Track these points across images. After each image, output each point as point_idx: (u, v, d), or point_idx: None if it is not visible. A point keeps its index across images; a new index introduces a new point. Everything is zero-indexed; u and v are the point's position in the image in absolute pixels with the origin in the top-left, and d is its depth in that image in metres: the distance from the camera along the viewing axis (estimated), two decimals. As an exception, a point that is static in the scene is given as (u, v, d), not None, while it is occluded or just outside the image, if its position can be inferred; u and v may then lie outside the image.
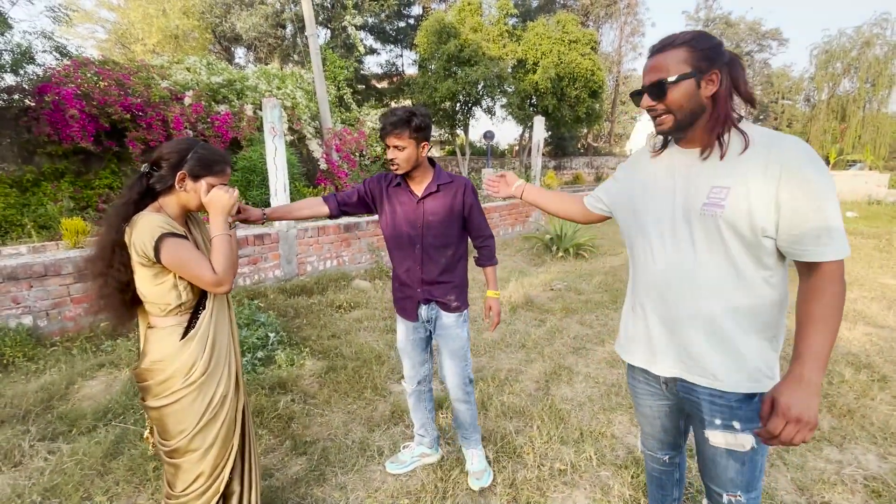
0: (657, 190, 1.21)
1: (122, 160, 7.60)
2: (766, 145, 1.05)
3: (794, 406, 0.96)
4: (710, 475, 1.24)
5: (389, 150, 1.69)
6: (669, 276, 1.17)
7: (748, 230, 1.04)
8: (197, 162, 1.32)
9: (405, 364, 2.02)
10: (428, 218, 1.77)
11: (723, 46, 1.08)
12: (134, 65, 8.03)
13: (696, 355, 1.15)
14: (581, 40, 13.83)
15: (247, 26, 15.04)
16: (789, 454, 2.18)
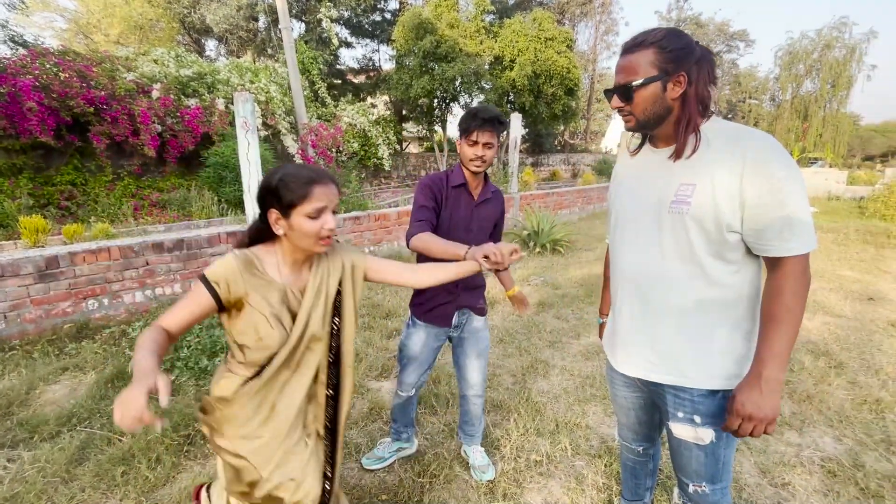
0: (631, 189, 1.24)
1: (85, 155, 7.31)
2: (732, 141, 1.05)
3: (747, 404, 1.01)
4: (677, 465, 1.28)
5: (476, 146, 1.65)
6: (640, 272, 1.19)
7: (713, 226, 1.05)
8: (278, 193, 1.09)
9: (411, 370, 1.94)
10: (480, 223, 1.80)
11: (693, 45, 1.07)
12: (97, 56, 7.71)
13: (664, 351, 1.17)
14: (557, 38, 13.98)
15: (217, 17, 14.60)
16: (752, 438, 2.28)
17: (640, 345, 1.22)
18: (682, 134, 1.09)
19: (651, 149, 1.22)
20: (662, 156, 1.16)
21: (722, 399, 1.14)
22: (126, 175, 7.71)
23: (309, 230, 1.10)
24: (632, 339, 1.24)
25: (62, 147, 6.97)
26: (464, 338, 1.93)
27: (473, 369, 1.96)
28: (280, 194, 1.09)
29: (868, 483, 1.96)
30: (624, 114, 1.15)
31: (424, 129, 16.04)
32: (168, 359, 2.86)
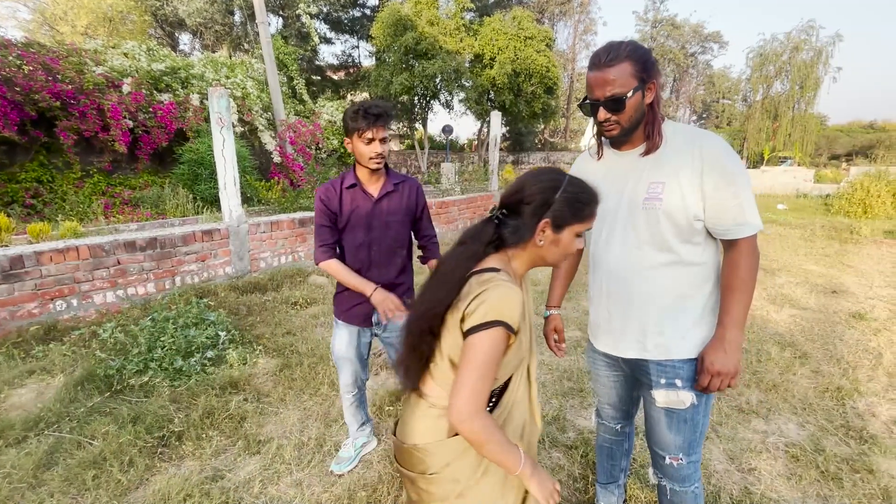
0: (606, 190, 1.30)
1: (52, 151, 7.04)
2: (688, 142, 1.21)
3: (716, 363, 1.21)
4: (655, 439, 1.39)
5: (373, 143, 1.61)
6: (621, 263, 1.31)
7: (683, 217, 1.20)
8: (566, 205, 0.99)
9: (346, 373, 1.93)
10: (385, 219, 1.74)
11: (652, 54, 1.21)
12: (63, 48, 7.42)
13: (650, 333, 1.30)
14: (536, 37, 14.10)
15: (190, 10, 14.24)
16: (722, 427, 2.36)
17: (627, 329, 1.34)
18: (654, 134, 1.23)
19: (615, 152, 1.34)
20: (629, 157, 1.29)
21: (699, 364, 1.29)
22: (96, 172, 7.46)
23: (572, 249, 1.04)
24: (619, 325, 1.35)
25: (27, 143, 6.69)
26: (389, 338, 1.88)
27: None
28: (569, 207, 1.00)
29: (828, 466, 2.06)
30: (609, 124, 1.23)
31: (405, 127, 15.97)
32: (141, 359, 2.80)
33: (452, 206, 7.44)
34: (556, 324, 1.62)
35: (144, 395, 2.60)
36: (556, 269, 1.67)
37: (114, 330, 3.16)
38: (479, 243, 1.00)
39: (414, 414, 1.04)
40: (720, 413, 2.49)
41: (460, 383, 0.91)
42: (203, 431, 2.30)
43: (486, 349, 0.90)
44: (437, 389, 1.02)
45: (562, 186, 0.99)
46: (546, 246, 1.02)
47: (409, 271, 1.88)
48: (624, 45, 1.18)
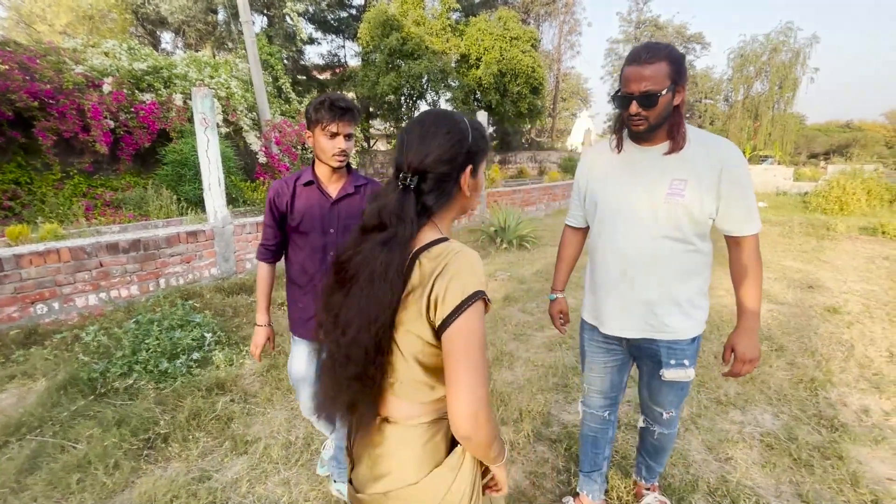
0: (623, 183, 1.43)
1: (29, 152, 6.87)
2: (710, 146, 1.33)
3: (748, 351, 1.40)
4: (654, 400, 1.59)
5: (338, 138, 1.50)
6: (636, 252, 1.40)
7: (699, 213, 1.32)
8: (479, 146, 0.89)
9: (304, 395, 1.75)
10: (343, 222, 1.60)
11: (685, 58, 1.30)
12: (41, 47, 7.25)
13: (662, 316, 1.42)
14: (522, 37, 14.20)
15: (172, 8, 14.02)
16: (701, 419, 2.44)
17: (641, 313, 1.44)
18: (678, 134, 1.32)
19: (636, 147, 1.42)
20: (650, 153, 1.38)
21: (697, 342, 1.49)
22: (76, 173, 7.31)
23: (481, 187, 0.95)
24: (630, 308, 1.45)
25: (4, 144, 6.53)
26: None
27: None
28: (482, 146, 0.89)
29: (800, 454, 2.14)
30: (638, 118, 1.30)
31: (391, 127, 15.95)
32: (126, 362, 2.78)
33: (440, 205, 7.45)
34: (562, 306, 1.78)
35: (129, 397, 2.58)
36: (559, 258, 1.74)
37: (97, 333, 3.13)
38: (408, 219, 0.81)
39: (387, 448, 0.84)
40: (699, 405, 2.56)
41: (460, 384, 0.74)
42: (189, 433, 2.30)
43: (477, 329, 0.76)
44: (407, 406, 0.84)
45: (468, 128, 0.88)
46: (471, 194, 0.92)
47: None
48: (663, 46, 1.26)
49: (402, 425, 0.84)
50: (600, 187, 1.49)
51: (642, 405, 1.67)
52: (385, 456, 0.85)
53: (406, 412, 0.85)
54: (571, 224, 1.73)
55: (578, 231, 1.72)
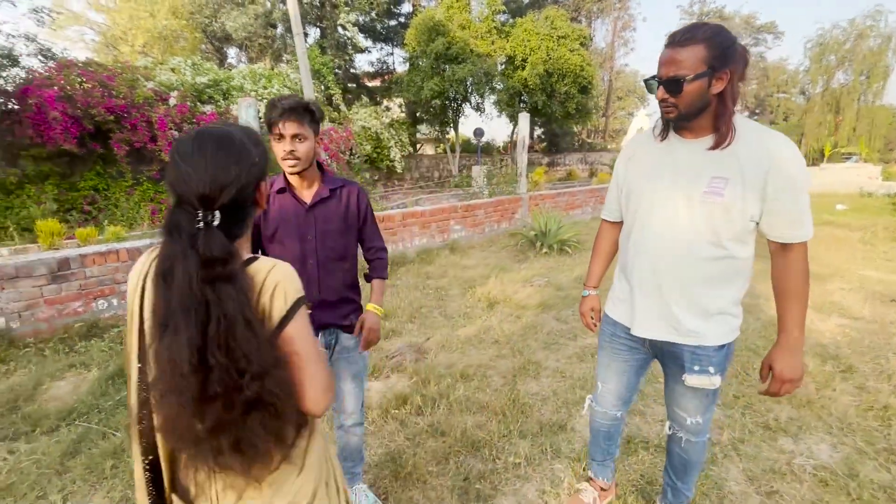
0: (659, 176, 1.33)
1: (107, 162, 7.62)
2: (757, 140, 1.19)
3: (787, 370, 1.26)
4: (678, 404, 1.48)
5: (285, 140, 1.40)
6: (667, 250, 1.31)
7: (739, 215, 1.21)
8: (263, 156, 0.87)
9: None
10: (321, 227, 1.54)
11: (737, 44, 1.15)
12: (118, 66, 8.02)
13: (686, 319, 1.32)
14: (570, 36, 13.82)
15: (236, 26, 15.01)
16: (744, 445, 2.20)
17: (666, 314, 1.35)
18: (724, 127, 1.20)
19: (679, 138, 1.31)
20: (693, 146, 1.27)
21: (727, 350, 1.36)
22: (145, 180, 8.00)
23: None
24: (656, 308, 1.37)
25: (85, 154, 7.27)
26: (335, 359, 1.69)
27: (348, 394, 1.71)
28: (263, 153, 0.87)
29: (862, 493, 1.87)
30: (667, 105, 1.22)
31: (436, 131, 16.09)
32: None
33: (479, 209, 7.40)
34: (594, 303, 1.70)
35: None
36: (594, 253, 1.70)
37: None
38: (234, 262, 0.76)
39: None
40: (743, 429, 2.32)
41: (310, 371, 0.79)
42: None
43: (307, 331, 0.82)
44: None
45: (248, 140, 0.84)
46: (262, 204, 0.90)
47: (355, 284, 1.67)
48: (705, 27, 1.14)
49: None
50: (636, 179, 1.41)
51: (667, 408, 1.57)
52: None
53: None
54: (607, 218, 1.65)
55: (615, 225, 1.63)
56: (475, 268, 5.77)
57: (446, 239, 6.86)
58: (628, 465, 2.07)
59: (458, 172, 15.12)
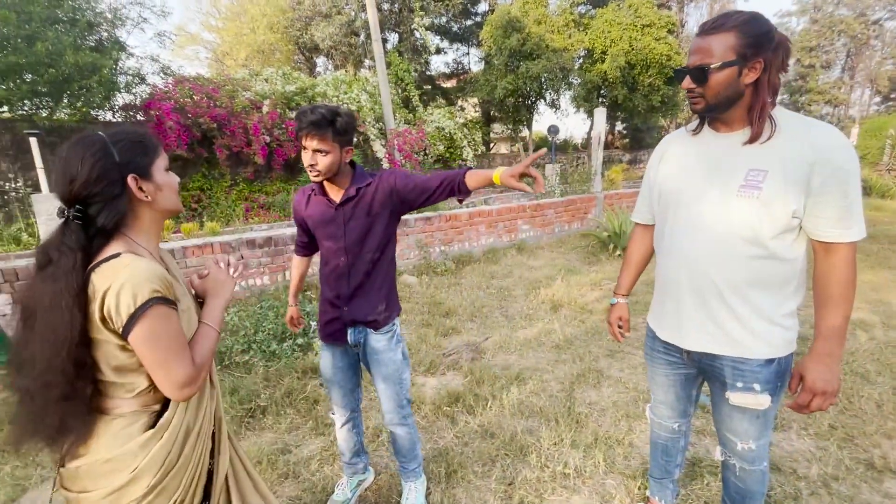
0: (692, 172, 1.27)
1: (210, 165, 8.56)
2: (800, 132, 1.10)
3: (819, 381, 1.14)
4: (727, 427, 1.36)
5: (306, 153, 1.46)
6: (703, 252, 1.23)
7: (781, 211, 1.11)
8: (130, 154, 0.94)
9: (334, 395, 1.83)
10: (349, 225, 1.58)
11: (773, 31, 1.09)
12: (221, 79, 8.97)
13: (725, 327, 1.23)
14: (656, 23, 12.88)
15: (323, 36, 16.05)
16: (837, 483, 1.91)
17: (701, 320, 1.26)
18: (757, 120, 1.13)
19: (712, 132, 1.24)
20: (727, 140, 1.19)
21: (777, 366, 1.22)
22: (241, 181, 8.87)
23: (174, 183, 1.03)
24: (692, 316, 1.28)
25: (194, 158, 8.24)
26: (367, 360, 1.72)
27: (382, 395, 1.73)
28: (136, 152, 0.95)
29: None
30: (694, 95, 1.17)
31: (509, 129, 15.90)
32: (247, 340, 3.27)
33: (549, 208, 7.19)
34: (622, 312, 1.63)
35: (245, 371, 3.03)
36: (626, 258, 1.61)
37: (234, 314, 3.74)
38: (68, 248, 0.86)
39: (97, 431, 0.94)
40: (839, 465, 2.01)
41: (157, 375, 0.89)
42: (283, 409, 2.60)
43: (157, 329, 0.87)
44: (111, 401, 0.94)
45: (110, 145, 0.92)
46: (157, 197, 0.98)
47: (384, 282, 1.68)
48: (739, 15, 1.09)
49: (106, 414, 0.94)
50: (668, 177, 1.33)
51: (717, 431, 1.44)
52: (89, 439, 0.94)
53: (111, 405, 0.94)
54: (638, 220, 1.57)
55: (647, 228, 1.54)
56: (541, 269, 5.63)
57: (514, 239, 6.77)
58: (691, 490, 1.90)
59: (531, 171, 14.81)
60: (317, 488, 2.01)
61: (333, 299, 1.67)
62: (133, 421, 0.94)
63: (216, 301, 1.09)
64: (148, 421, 0.96)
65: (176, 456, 0.98)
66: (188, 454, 1.00)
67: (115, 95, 7.95)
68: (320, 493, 1.99)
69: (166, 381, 0.90)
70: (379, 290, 1.66)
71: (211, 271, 1.13)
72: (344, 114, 1.47)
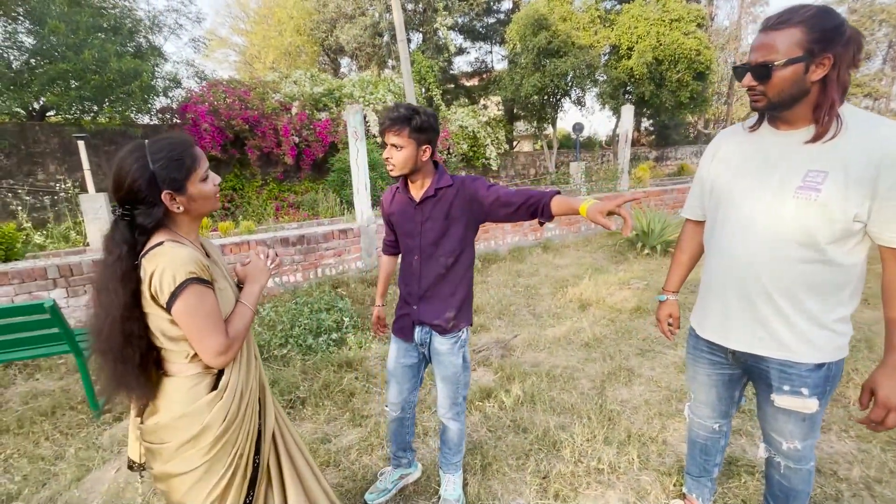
0: (747, 169, 1.25)
1: (242, 165, 8.85)
2: (866, 130, 1.05)
3: (893, 396, 1.09)
4: (771, 426, 1.35)
5: (387, 148, 1.55)
6: (755, 252, 1.20)
7: (841, 214, 1.06)
8: (167, 171, 1.05)
9: (391, 388, 1.87)
10: (426, 224, 1.61)
11: (844, 25, 1.04)
12: (252, 82, 9.25)
13: (773, 330, 1.21)
14: (685, 18, 12.57)
15: (348, 38, 16.30)
16: (882, 486, 1.88)
17: (748, 321, 1.25)
18: (825, 118, 1.08)
19: (771, 129, 1.20)
20: (788, 138, 1.15)
21: (826, 371, 1.20)
22: (271, 181, 9.14)
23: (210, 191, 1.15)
24: (739, 316, 1.26)
25: (227, 159, 8.55)
26: (431, 357, 1.76)
27: (440, 391, 1.79)
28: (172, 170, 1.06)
29: None
30: (755, 93, 1.13)
31: (534, 128, 15.79)
32: (284, 335, 3.40)
33: (575, 207, 7.15)
34: (671, 310, 1.62)
35: (283, 364, 3.16)
36: (675, 255, 1.63)
37: (270, 310, 3.89)
38: (118, 245, 1.03)
39: (163, 393, 1.11)
40: (882, 467, 1.98)
41: (197, 344, 1.04)
42: (321, 400, 2.71)
43: (195, 308, 1.02)
44: (175, 366, 1.11)
45: (149, 160, 1.03)
46: (189, 207, 1.11)
47: (456, 286, 1.67)
48: (805, 9, 1.05)
49: (173, 377, 1.11)
50: (721, 174, 1.31)
51: (761, 428, 1.43)
52: (160, 398, 1.12)
53: (175, 369, 1.11)
54: (689, 216, 1.55)
55: (699, 225, 1.52)
56: (568, 267, 5.62)
57: (539, 237, 6.76)
58: (728, 488, 1.90)
59: (554, 169, 14.72)
60: (357, 476, 2.10)
61: (406, 296, 1.73)
62: (198, 382, 1.11)
63: (254, 286, 1.25)
64: (211, 382, 1.13)
65: (235, 412, 1.14)
66: (243, 412, 1.17)
67: (153, 99, 8.29)
68: (360, 480, 2.07)
69: (203, 349, 1.05)
70: (450, 297, 1.66)
71: (252, 260, 1.30)
72: (423, 113, 1.51)
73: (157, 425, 1.10)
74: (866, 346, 3.09)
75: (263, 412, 1.28)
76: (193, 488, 1.11)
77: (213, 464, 1.12)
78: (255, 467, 1.23)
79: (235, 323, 1.13)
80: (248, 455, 1.20)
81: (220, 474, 1.13)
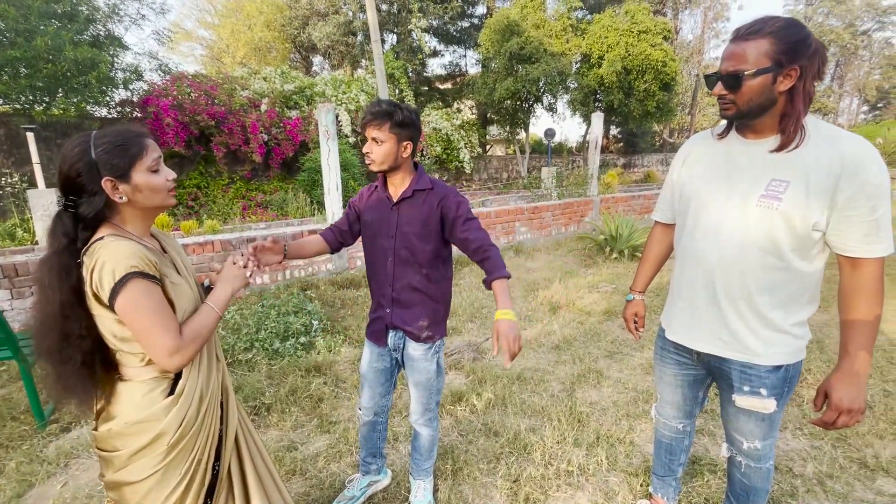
0: (714, 176, 1.28)
1: (208, 162, 8.53)
2: (829, 142, 1.09)
3: (846, 399, 1.13)
4: (732, 426, 1.40)
5: (368, 143, 1.52)
6: (719, 257, 1.24)
7: (800, 223, 1.10)
8: (109, 157, 0.98)
9: (364, 391, 1.82)
10: (402, 227, 1.56)
11: (810, 38, 1.07)
12: (219, 77, 8.94)
13: (736, 332, 1.25)
14: (652, 30, 13.04)
15: (321, 36, 16.04)
16: (832, 481, 1.97)
17: (713, 324, 1.29)
18: (791, 128, 1.11)
19: (739, 138, 1.23)
20: (754, 147, 1.18)
21: (784, 372, 1.25)
22: (238, 179, 8.85)
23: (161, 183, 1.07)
24: (704, 318, 1.31)
25: (191, 155, 8.23)
26: (404, 363, 1.73)
27: (412, 397, 1.77)
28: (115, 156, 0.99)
29: (983, 552, 1.60)
30: (725, 101, 1.16)
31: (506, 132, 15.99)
32: (249, 339, 3.28)
33: (546, 211, 7.26)
34: (637, 309, 1.68)
35: (248, 369, 3.04)
36: (644, 256, 1.67)
37: (235, 312, 3.74)
38: (60, 236, 0.98)
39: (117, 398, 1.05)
40: (833, 463, 2.08)
41: (144, 342, 0.98)
42: (287, 406, 2.62)
43: (138, 302, 0.96)
44: (130, 370, 1.05)
45: (91, 146, 0.98)
46: (134, 198, 1.03)
47: (431, 293, 1.62)
48: (774, 20, 1.07)
49: (128, 381, 1.05)
50: (689, 180, 1.34)
51: (724, 428, 1.48)
52: (114, 404, 1.06)
53: (130, 373, 1.05)
54: (659, 219, 1.59)
55: (667, 227, 1.57)
56: (539, 271, 5.69)
57: (511, 241, 6.82)
58: (692, 487, 1.95)
59: (527, 174, 14.93)
60: (324, 484, 2.04)
61: (380, 298, 1.68)
62: (154, 387, 1.05)
63: (225, 287, 1.19)
64: (168, 387, 1.07)
65: (193, 417, 1.08)
66: (202, 417, 1.11)
67: (112, 91, 7.89)
68: (328, 489, 2.01)
69: (151, 349, 0.99)
70: (422, 305, 1.62)
71: (227, 264, 1.25)
72: (405, 109, 1.50)
73: (109, 432, 1.05)
74: (818, 347, 3.25)
75: (226, 417, 1.22)
76: (146, 497, 1.06)
77: (168, 471, 1.07)
78: (215, 475, 1.17)
79: (194, 323, 1.06)
80: (207, 462, 1.14)
81: (175, 482, 1.07)
